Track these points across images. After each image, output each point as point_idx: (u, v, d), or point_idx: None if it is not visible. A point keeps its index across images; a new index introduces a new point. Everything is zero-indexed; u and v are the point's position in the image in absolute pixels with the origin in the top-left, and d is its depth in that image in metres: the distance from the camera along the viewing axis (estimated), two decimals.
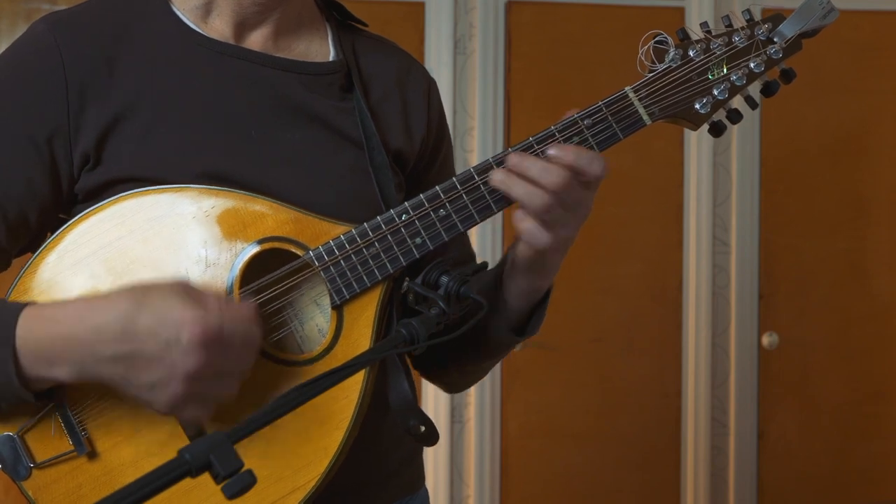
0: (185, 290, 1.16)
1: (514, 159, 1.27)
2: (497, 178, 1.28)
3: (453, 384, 1.56)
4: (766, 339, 3.17)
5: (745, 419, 3.17)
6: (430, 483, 1.56)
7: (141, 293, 1.16)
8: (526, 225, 1.28)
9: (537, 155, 1.28)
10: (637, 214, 3.13)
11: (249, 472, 0.93)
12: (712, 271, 3.14)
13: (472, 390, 3.01)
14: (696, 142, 3.12)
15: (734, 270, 3.15)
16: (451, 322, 1.23)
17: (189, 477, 0.93)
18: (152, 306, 1.14)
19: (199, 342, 1.12)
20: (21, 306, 1.19)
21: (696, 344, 3.14)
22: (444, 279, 1.24)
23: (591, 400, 3.12)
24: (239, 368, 1.17)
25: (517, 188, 1.27)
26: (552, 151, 1.26)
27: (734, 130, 3.13)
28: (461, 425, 3.04)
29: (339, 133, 1.37)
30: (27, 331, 1.17)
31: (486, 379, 3.01)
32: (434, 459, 3.00)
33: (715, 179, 3.14)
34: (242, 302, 1.21)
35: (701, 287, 3.13)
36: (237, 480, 0.93)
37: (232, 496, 0.92)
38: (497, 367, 3.03)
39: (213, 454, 0.93)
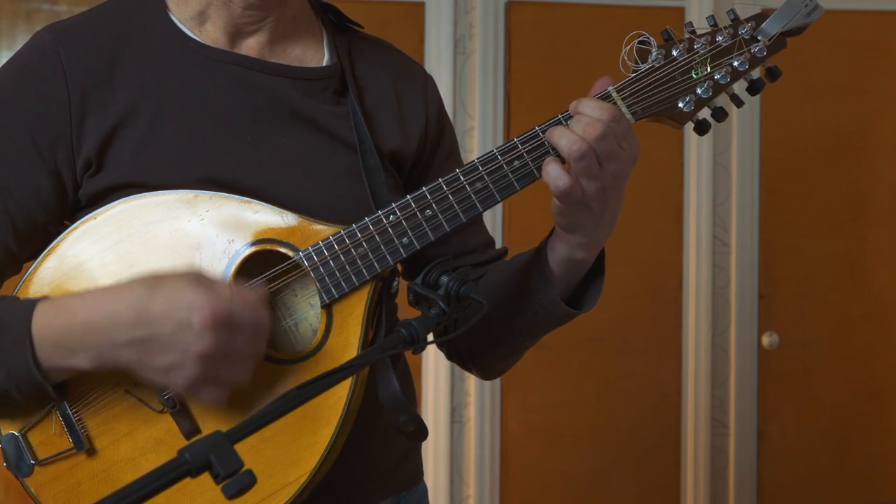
0: (196, 278, 1.20)
1: (573, 105, 1.29)
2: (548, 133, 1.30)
3: (489, 369, 1.55)
4: (766, 339, 3.17)
5: (745, 419, 3.17)
6: (430, 483, 1.57)
7: (154, 280, 1.20)
8: (550, 167, 1.28)
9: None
10: (637, 214, 3.13)
11: (249, 472, 0.93)
12: (712, 271, 3.14)
13: (472, 390, 3.02)
14: (696, 142, 3.12)
15: (734, 270, 3.15)
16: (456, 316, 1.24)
17: (189, 477, 0.93)
18: (165, 292, 1.18)
19: (209, 324, 1.16)
20: (35, 301, 1.23)
21: (695, 344, 3.14)
22: (444, 279, 1.25)
23: (591, 400, 3.12)
24: (250, 350, 1.21)
25: (556, 134, 1.28)
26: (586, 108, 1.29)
27: (734, 131, 3.13)
28: (461, 425, 3.04)
29: (333, 137, 1.39)
30: (44, 324, 1.21)
31: None
32: (434, 459, 3.00)
33: (715, 179, 3.14)
34: (254, 289, 1.24)
35: (701, 287, 3.13)
36: (237, 480, 0.93)
37: (232, 496, 0.93)
38: None
39: (212, 454, 0.93)
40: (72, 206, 1.34)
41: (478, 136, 3.02)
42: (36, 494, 1.28)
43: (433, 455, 2.99)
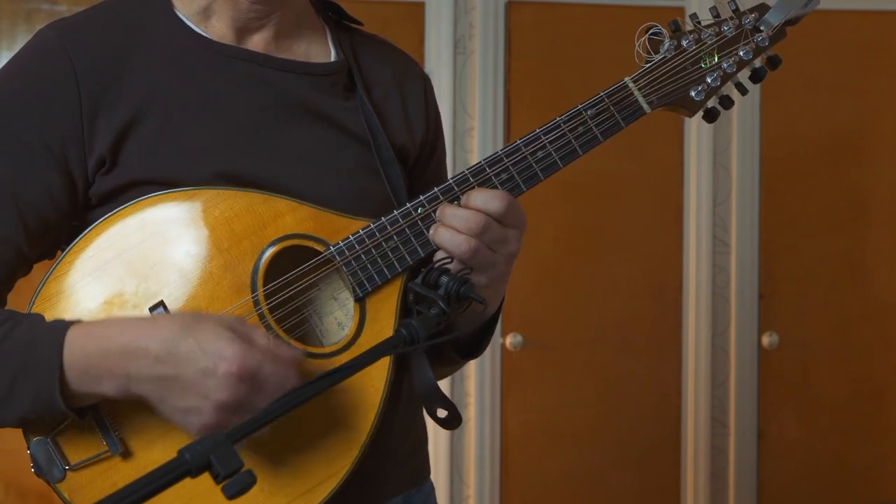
0: (235, 326, 1.19)
1: (439, 212, 1.31)
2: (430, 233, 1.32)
3: None
4: (766, 339, 3.17)
5: (745, 419, 3.17)
6: None
7: (192, 321, 1.20)
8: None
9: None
10: (637, 214, 3.13)
11: (249, 472, 0.93)
12: (712, 271, 3.14)
13: (472, 390, 3.02)
14: (696, 142, 3.12)
15: (734, 270, 3.15)
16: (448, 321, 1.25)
17: (189, 477, 0.93)
18: (198, 335, 1.18)
19: (234, 377, 1.16)
20: (66, 325, 1.22)
21: (695, 344, 3.14)
22: (444, 279, 1.25)
23: (592, 400, 3.12)
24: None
25: (441, 235, 1.30)
26: (462, 200, 1.31)
27: (734, 131, 3.13)
28: (461, 425, 3.04)
29: (345, 131, 1.39)
30: (77, 348, 1.20)
31: (486, 379, 3.02)
32: (434, 459, 2.99)
33: (715, 179, 3.14)
34: (291, 347, 1.23)
35: (701, 287, 3.13)
36: (237, 480, 0.93)
37: (232, 496, 0.93)
38: (497, 367, 3.03)
39: (212, 454, 0.93)
40: (82, 206, 1.32)
41: (478, 136, 3.02)
42: (70, 499, 1.25)
43: (433, 455, 2.98)
